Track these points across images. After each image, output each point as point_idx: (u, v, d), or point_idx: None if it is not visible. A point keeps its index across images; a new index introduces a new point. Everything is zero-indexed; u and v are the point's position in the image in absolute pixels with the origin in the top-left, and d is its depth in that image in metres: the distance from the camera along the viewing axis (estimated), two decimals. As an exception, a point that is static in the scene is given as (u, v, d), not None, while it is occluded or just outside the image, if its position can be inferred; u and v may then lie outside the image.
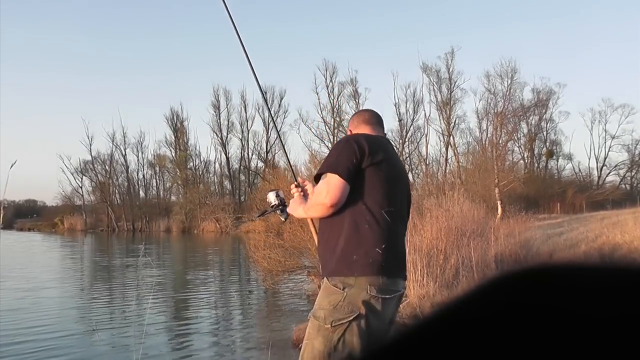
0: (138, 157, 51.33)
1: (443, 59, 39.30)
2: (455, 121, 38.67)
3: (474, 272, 8.46)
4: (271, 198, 2.67)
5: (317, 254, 2.46)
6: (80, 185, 51.41)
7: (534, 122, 41.11)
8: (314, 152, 28.18)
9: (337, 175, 2.20)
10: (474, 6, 59.58)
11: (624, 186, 42.88)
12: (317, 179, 2.39)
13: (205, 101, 68.94)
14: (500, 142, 33.59)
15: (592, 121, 44.16)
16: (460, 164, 37.04)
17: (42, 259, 21.12)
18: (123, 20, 67.38)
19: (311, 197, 2.43)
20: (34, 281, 13.28)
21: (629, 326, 0.26)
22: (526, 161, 41.78)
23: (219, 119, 49.05)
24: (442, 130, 38.98)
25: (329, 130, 41.69)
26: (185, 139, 50.02)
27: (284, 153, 3.38)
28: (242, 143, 49.28)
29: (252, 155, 49.98)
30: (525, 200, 28.05)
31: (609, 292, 0.28)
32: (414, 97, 40.93)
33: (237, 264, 19.39)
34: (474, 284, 0.31)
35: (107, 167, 50.80)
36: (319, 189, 2.27)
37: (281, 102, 46.99)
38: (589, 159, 56.36)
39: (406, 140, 40.16)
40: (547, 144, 42.79)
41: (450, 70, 38.75)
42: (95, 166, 50.92)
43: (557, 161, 43.11)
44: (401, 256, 2.31)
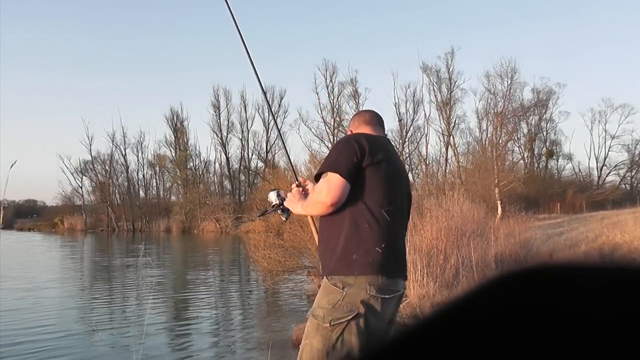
0: (138, 157, 51.43)
1: (443, 59, 39.37)
2: (455, 121, 38.74)
3: (474, 272, 8.46)
4: (272, 198, 2.67)
5: (318, 253, 2.46)
6: (80, 185, 51.54)
7: (534, 122, 41.17)
8: (314, 152, 28.21)
9: (337, 175, 2.20)
10: (474, 6, 59.63)
11: (624, 186, 42.89)
12: (317, 178, 2.38)
13: (205, 101, 68.96)
14: (500, 142, 33.59)
15: (592, 121, 44.24)
16: (460, 164, 37.06)
17: (42, 259, 21.12)
18: (123, 20, 67.46)
19: (311, 195, 2.42)
20: (34, 281, 13.27)
21: (629, 326, 0.26)
22: (526, 161, 41.80)
23: (219, 119, 49.14)
24: (442, 130, 39.05)
25: (328, 130, 41.73)
26: (185, 139, 50.07)
27: (285, 152, 3.35)
28: (242, 143, 49.37)
29: (252, 155, 50.08)
30: (525, 200, 28.04)
31: (609, 292, 0.28)
32: (414, 97, 40.99)
33: (237, 264, 19.38)
34: (474, 284, 0.31)
35: (107, 167, 50.82)
36: (320, 187, 2.27)
37: (281, 102, 47.04)
38: (589, 159, 56.46)
39: (406, 140, 40.18)
40: (547, 144, 42.81)
41: (450, 70, 38.80)
42: (95, 166, 50.99)
43: (557, 161, 43.18)
44: (401, 256, 2.30)
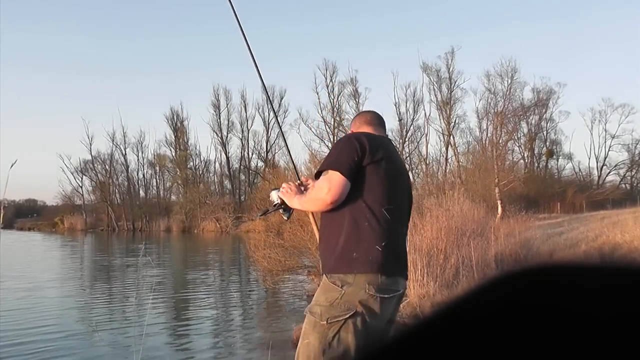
0: (138, 156, 51.42)
1: (443, 59, 39.30)
2: (456, 121, 38.69)
3: (474, 271, 8.46)
4: (274, 197, 2.67)
5: (318, 251, 2.46)
6: (81, 185, 51.56)
7: (534, 121, 41.13)
8: (314, 151, 28.16)
9: (338, 173, 2.20)
10: (474, 6, 59.56)
11: (624, 186, 42.87)
12: (317, 176, 2.38)
13: (205, 101, 68.85)
14: (500, 141, 33.59)
15: (592, 121, 44.17)
16: (460, 163, 37.04)
17: (42, 258, 21.11)
18: (123, 21, 67.43)
19: (310, 190, 2.39)
20: (34, 281, 13.27)
21: (629, 326, 0.26)
22: (526, 161, 41.78)
23: (219, 119, 49.13)
24: (442, 130, 39.01)
25: (329, 130, 41.69)
26: (185, 138, 50.06)
27: (287, 151, 3.34)
28: (242, 142, 49.35)
29: (252, 154, 50.06)
30: (525, 200, 28.03)
31: (609, 292, 0.28)
32: (414, 97, 40.95)
33: (237, 263, 19.38)
34: (474, 284, 0.31)
35: (107, 167, 50.83)
36: (320, 184, 2.26)
37: (281, 101, 47.00)
38: (589, 158, 56.34)
39: (406, 139, 40.14)
40: (547, 143, 42.79)
41: (451, 69, 38.75)
42: (96, 166, 51.01)
43: (557, 161, 43.14)
44: (402, 255, 2.30)
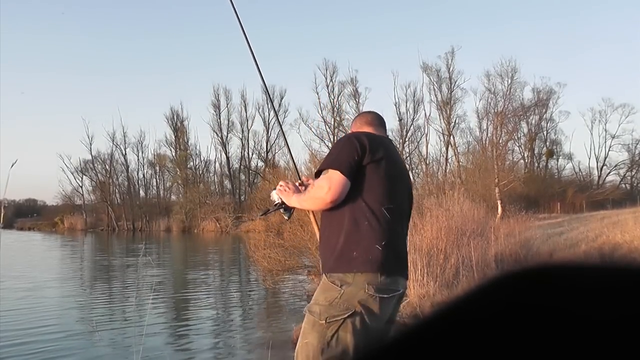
0: (138, 156, 51.41)
1: (443, 59, 39.27)
2: (456, 121, 38.67)
3: (474, 271, 8.46)
4: (274, 197, 2.67)
5: (319, 251, 2.46)
6: (81, 185, 51.55)
7: (534, 121, 41.10)
8: (314, 151, 28.15)
9: (338, 172, 2.20)
10: (474, 6, 59.54)
11: (624, 186, 42.85)
12: (317, 176, 2.38)
13: (205, 101, 68.75)
14: (501, 141, 33.58)
15: (592, 121, 44.13)
16: (461, 163, 37.04)
17: (42, 258, 21.11)
18: (123, 21, 67.43)
19: (310, 189, 2.38)
20: (34, 281, 13.27)
21: (629, 327, 0.26)
22: (526, 161, 41.77)
23: (219, 119, 49.12)
24: (442, 130, 39.00)
25: (329, 130, 41.68)
26: (185, 138, 50.07)
27: (288, 151, 3.35)
28: (242, 142, 49.35)
29: (252, 154, 50.06)
30: (525, 200, 28.02)
31: (609, 293, 0.28)
32: (414, 97, 40.93)
33: (237, 263, 19.38)
34: (474, 284, 0.31)
35: (107, 167, 50.81)
36: (320, 183, 2.26)
37: (281, 101, 46.99)
38: (589, 158, 56.30)
39: (406, 139, 40.13)
40: (547, 143, 42.77)
41: (451, 69, 38.74)
42: (96, 166, 51.01)
43: (557, 161, 43.12)
44: (402, 254, 2.29)
